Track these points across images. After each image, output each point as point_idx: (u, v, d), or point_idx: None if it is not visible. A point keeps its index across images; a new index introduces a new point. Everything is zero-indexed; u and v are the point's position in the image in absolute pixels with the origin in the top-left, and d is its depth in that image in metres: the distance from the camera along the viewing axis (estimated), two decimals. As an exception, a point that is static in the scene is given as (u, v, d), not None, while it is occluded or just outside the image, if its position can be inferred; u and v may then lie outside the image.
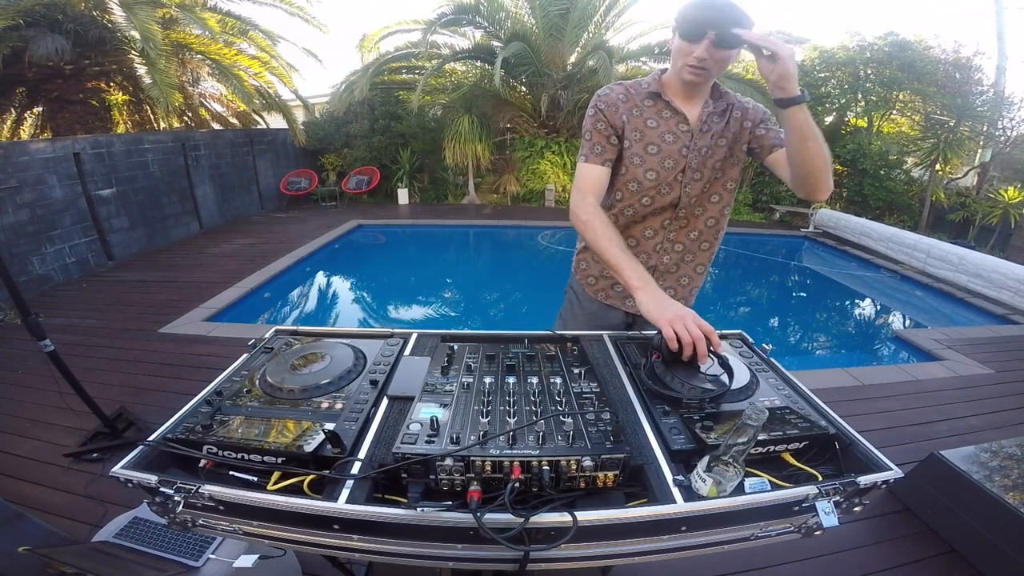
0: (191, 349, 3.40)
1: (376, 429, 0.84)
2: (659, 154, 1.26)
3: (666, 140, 1.26)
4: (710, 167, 1.29)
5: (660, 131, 1.26)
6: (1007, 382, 3.21)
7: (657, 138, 1.26)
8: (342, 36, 29.86)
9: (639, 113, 1.27)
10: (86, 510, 1.94)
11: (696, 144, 1.26)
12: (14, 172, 4.43)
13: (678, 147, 1.26)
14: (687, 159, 1.26)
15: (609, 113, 1.27)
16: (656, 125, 1.27)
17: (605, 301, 1.48)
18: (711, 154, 1.27)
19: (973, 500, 1.79)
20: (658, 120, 1.27)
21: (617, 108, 1.27)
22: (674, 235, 1.37)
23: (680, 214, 1.33)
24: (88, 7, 6.02)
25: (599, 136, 1.28)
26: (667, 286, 1.42)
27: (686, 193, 1.30)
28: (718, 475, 0.70)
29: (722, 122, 1.27)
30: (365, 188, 9.35)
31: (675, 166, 1.27)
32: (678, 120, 1.26)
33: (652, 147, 1.26)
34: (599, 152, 1.28)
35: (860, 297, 5.91)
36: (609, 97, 1.29)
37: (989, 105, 7.26)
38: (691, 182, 1.29)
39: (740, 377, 0.97)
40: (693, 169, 1.27)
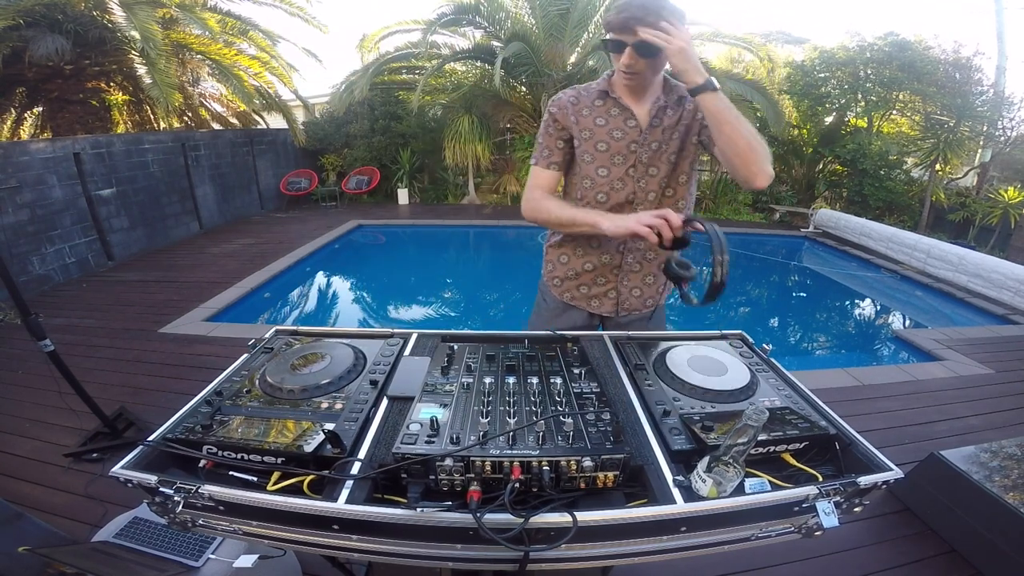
0: (191, 349, 3.40)
1: (376, 429, 0.84)
2: (608, 151, 1.29)
3: (614, 136, 1.29)
4: (666, 161, 1.30)
5: (608, 128, 1.29)
6: (1007, 382, 3.21)
7: (606, 135, 1.29)
8: (342, 36, 29.88)
9: (589, 113, 1.31)
10: (86, 510, 1.94)
11: (646, 139, 1.28)
12: (14, 172, 4.43)
13: (627, 143, 1.28)
14: (636, 154, 1.29)
15: (560, 116, 1.32)
16: (605, 123, 1.29)
17: (571, 302, 1.49)
18: (664, 148, 1.29)
19: (973, 500, 1.79)
20: (607, 118, 1.29)
21: (567, 110, 1.31)
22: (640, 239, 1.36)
23: (638, 211, 1.32)
24: (88, 7, 6.02)
25: (548, 140, 1.35)
26: (633, 285, 1.42)
27: (640, 188, 1.31)
28: (718, 475, 0.70)
29: (675, 115, 1.29)
30: (365, 188, 9.35)
31: (624, 162, 1.29)
32: (626, 117, 1.28)
33: (602, 144, 1.30)
34: (546, 156, 1.35)
35: (860, 297, 5.91)
36: (560, 101, 1.33)
37: (989, 105, 7.26)
38: (644, 177, 1.31)
39: (739, 376, 0.97)
40: (645, 164, 1.29)
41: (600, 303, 1.45)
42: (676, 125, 1.28)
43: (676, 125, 1.28)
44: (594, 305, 1.46)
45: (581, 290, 1.46)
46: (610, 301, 1.44)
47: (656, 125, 1.27)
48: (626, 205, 1.33)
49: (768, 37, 9.15)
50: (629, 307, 1.44)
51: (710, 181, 9.96)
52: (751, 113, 7.50)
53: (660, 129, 1.28)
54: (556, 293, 1.51)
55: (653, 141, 1.28)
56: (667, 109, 1.28)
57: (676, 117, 1.29)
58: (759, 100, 7.57)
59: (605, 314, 1.46)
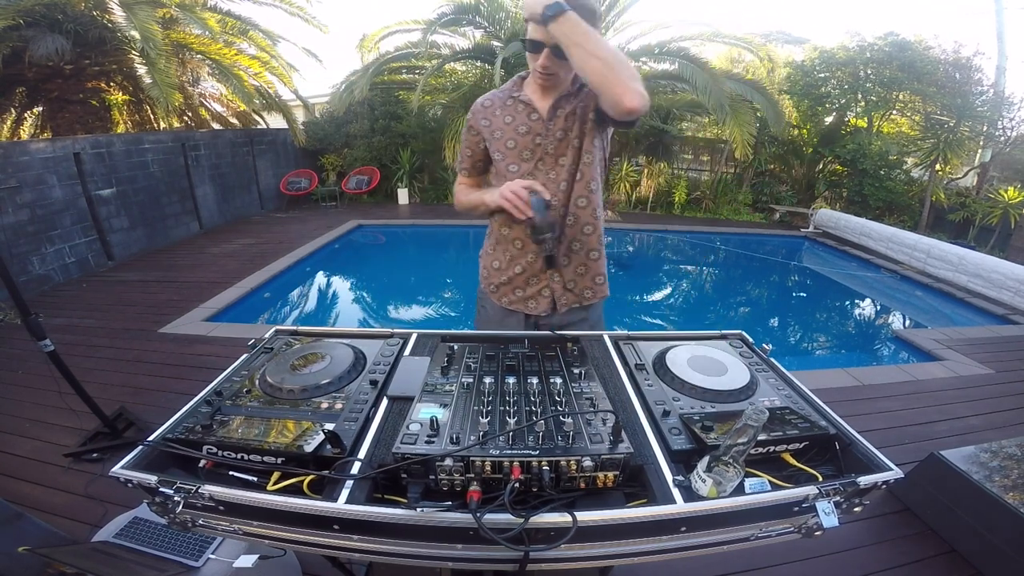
0: (191, 349, 3.40)
1: (376, 429, 0.84)
2: (516, 147, 1.33)
3: (520, 132, 1.32)
4: (571, 148, 1.31)
5: (515, 124, 1.33)
6: (1007, 382, 3.21)
7: (513, 132, 1.33)
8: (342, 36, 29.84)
9: (500, 113, 1.35)
10: (86, 510, 1.94)
11: (549, 129, 1.30)
12: (14, 172, 4.43)
13: (531, 137, 1.31)
14: (542, 147, 1.31)
15: (473, 122, 1.39)
16: (512, 119, 1.33)
17: (509, 307, 1.47)
18: (568, 135, 1.31)
19: (973, 500, 1.79)
20: (513, 115, 1.33)
21: (478, 115, 1.38)
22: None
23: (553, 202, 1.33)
24: (88, 7, 6.02)
25: (465, 148, 1.44)
26: (567, 280, 1.42)
27: (551, 180, 1.32)
28: (718, 475, 0.70)
29: (573, 101, 1.30)
30: (365, 188, 9.34)
31: (533, 155, 1.33)
32: (529, 111, 1.31)
33: (510, 141, 1.34)
34: (462, 163, 1.47)
35: (860, 297, 5.92)
36: (475, 107, 1.40)
37: (989, 105, 7.26)
38: (555, 168, 1.32)
39: (740, 377, 0.97)
40: (552, 155, 1.32)
41: (537, 303, 1.44)
42: (575, 109, 1.30)
43: (575, 109, 1.30)
44: (531, 306, 1.45)
45: (516, 293, 1.46)
46: (545, 300, 1.44)
47: (558, 115, 1.30)
48: None
49: (768, 37, 9.15)
50: (567, 302, 1.44)
51: (710, 180, 9.96)
52: (751, 113, 7.50)
53: (563, 117, 1.30)
54: (495, 299, 1.50)
55: (557, 130, 1.30)
56: (570, 97, 1.31)
57: (574, 102, 1.30)
58: (759, 100, 7.56)
59: (542, 313, 1.45)
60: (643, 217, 8.90)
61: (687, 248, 7.72)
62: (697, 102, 7.79)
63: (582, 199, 1.35)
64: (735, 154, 7.83)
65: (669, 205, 9.38)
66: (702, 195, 9.42)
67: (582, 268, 1.42)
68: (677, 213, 9.15)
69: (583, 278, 1.43)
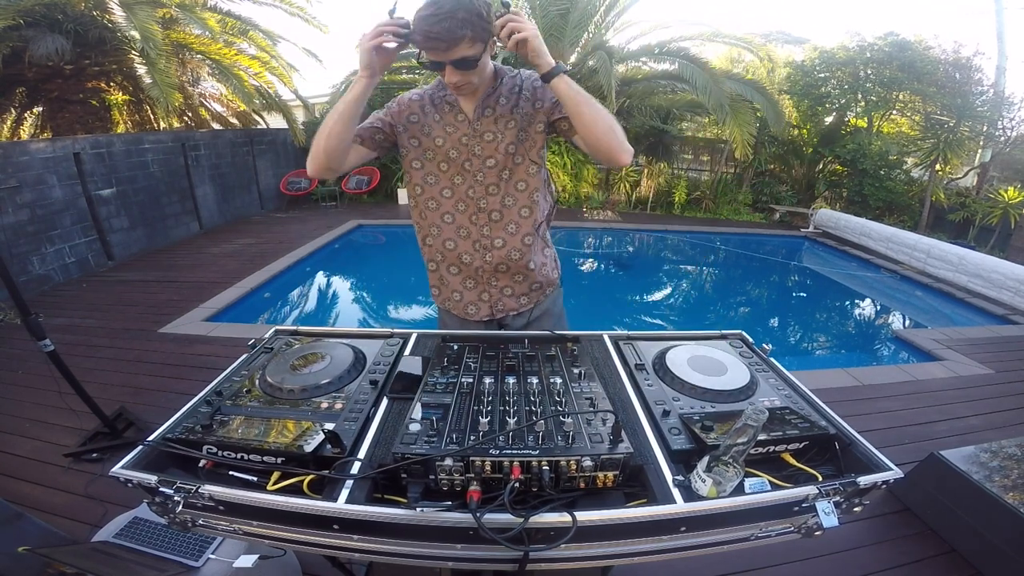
0: (191, 349, 3.40)
1: (376, 429, 0.84)
2: (444, 146, 1.30)
3: (447, 131, 1.30)
4: (503, 151, 1.28)
5: (443, 124, 1.30)
6: (1007, 382, 3.21)
7: (441, 131, 1.30)
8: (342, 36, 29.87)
9: (430, 110, 1.32)
10: (86, 510, 1.94)
11: (476, 130, 1.28)
12: (14, 172, 4.43)
13: (458, 136, 1.29)
14: (469, 147, 1.29)
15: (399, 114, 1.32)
16: (439, 119, 1.31)
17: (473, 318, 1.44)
18: (500, 138, 1.28)
19: (973, 500, 1.79)
20: (441, 115, 1.31)
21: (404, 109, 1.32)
22: (488, 231, 1.34)
23: (481, 206, 1.32)
24: (88, 7, 6.02)
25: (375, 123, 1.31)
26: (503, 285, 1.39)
27: (479, 182, 1.30)
28: (718, 475, 0.70)
29: (509, 103, 1.28)
30: (365, 188, 9.35)
31: (459, 156, 1.30)
32: (455, 112, 1.29)
33: (439, 139, 1.31)
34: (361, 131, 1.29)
35: (860, 297, 5.92)
36: (401, 100, 1.35)
37: (989, 105, 7.27)
38: (482, 170, 1.30)
39: (740, 377, 0.97)
40: (480, 156, 1.29)
41: (477, 308, 1.42)
42: (511, 114, 1.27)
43: (511, 114, 1.27)
44: (471, 312, 1.42)
45: (454, 297, 1.43)
46: (485, 305, 1.41)
47: (487, 115, 1.27)
48: (469, 200, 1.32)
49: (768, 37, 9.16)
50: (504, 308, 1.41)
51: (710, 180, 9.97)
52: (751, 113, 7.50)
53: (492, 119, 1.27)
54: (457, 312, 1.46)
55: (485, 131, 1.28)
56: (499, 98, 1.28)
57: (510, 105, 1.28)
58: (759, 100, 7.57)
59: (484, 318, 1.42)
60: (643, 217, 8.90)
61: (687, 248, 7.72)
62: (697, 102, 7.79)
63: (525, 209, 1.33)
64: (735, 154, 7.83)
65: (669, 205, 9.38)
66: (702, 195, 9.43)
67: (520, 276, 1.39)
68: (677, 213, 9.15)
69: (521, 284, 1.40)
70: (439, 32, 1.05)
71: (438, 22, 1.04)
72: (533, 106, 1.29)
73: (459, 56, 1.09)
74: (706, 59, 7.66)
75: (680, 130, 9.75)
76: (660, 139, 9.01)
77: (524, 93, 1.29)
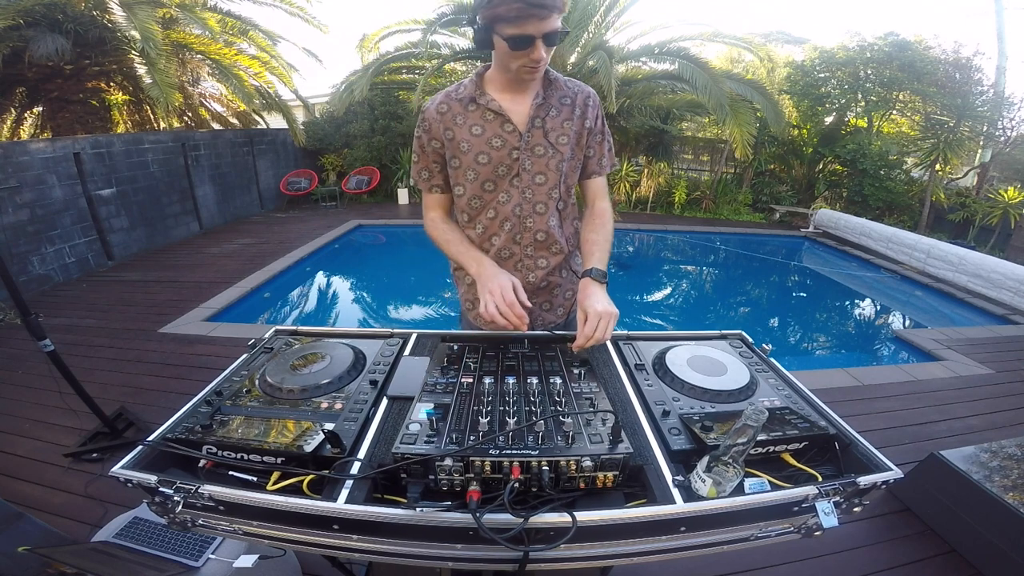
0: (191, 349, 3.40)
1: (376, 429, 0.84)
2: (490, 163, 1.16)
3: (493, 145, 1.16)
4: (554, 168, 1.18)
5: (486, 137, 1.15)
6: (1007, 382, 3.21)
7: (485, 145, 1.16)
8: (342, 36, 29.89)
9: (463, 121, 1.16)
10: (86, 510, 1.94)
11: (527, 143, 1.16)
12: (14, 172, 4.43)
13: (507, 151, 1.16)
14: (519, 162, 1.16)
15: (435, 131, 1.19)
16: (482, 131, 1.16)
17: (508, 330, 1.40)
18: (551, 154, 1.17)
19: (973, 500, 1.79)
20: (483, 125, 1.16)
21: (439, 122, 1.18)
22: (532, 251, 1.26)
23: (527, 225, 1.22)
24: (88, 7, 6.02)
25: (425, 160, 1.24)
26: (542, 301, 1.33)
27: (527, 199, 1.19)
28: (718, 475, 0.70)
29: (559, 117, 1.17)
30: (365, 188, 9.35)
31: (509, 172, 1.17)
32: (502, 121, 1.15)
33: (482, 156, 1.16)
34: (427, 179, 1.26)
35: (860, 297, 5.92)
36: (429, 112, 1.19)
37: (989, 105, 7.27)
38: (531, 187, 1.19)
39: (739, 377, 0.97)
40: (530, 172, 1.18)
41: None
42: (562, 128, 1.17)
43: (562, 128, 1.17)
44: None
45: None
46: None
47: (537, 127, 1.16)
48: (514, 219, 1.22)
49: (768, 37, 9.15)
50: (542, 322, 1.35)
51: (710, 180, 9.96)
52: (751, 113, 7.50)
53: (542, 131, 1.16)
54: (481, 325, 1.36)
55: (536, 145, 1.16)
56: (550, 108, 1.17)
57: (561, 119, 1.17)
58: (759, 100, 7.56)
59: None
60: (643, 217, 8.90)
61: (687, 248, 7.72)
62: (697, 102, 7.79)
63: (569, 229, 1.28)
64: (735, 154, 7.83)
65: (669, 205, 9.38)
66: (702, 195, 9.43)
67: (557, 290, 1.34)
68: (677, 213, 9.15)
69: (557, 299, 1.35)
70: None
71: None
72: (583, 124, 1.20)
73: (552, 28, 0.98)
74: (706, 59, 7.66)
75: (680, 130, 9.74)
76: (660, 139, 9.01)
77: (577, 109, 1.19)
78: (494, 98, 1.15)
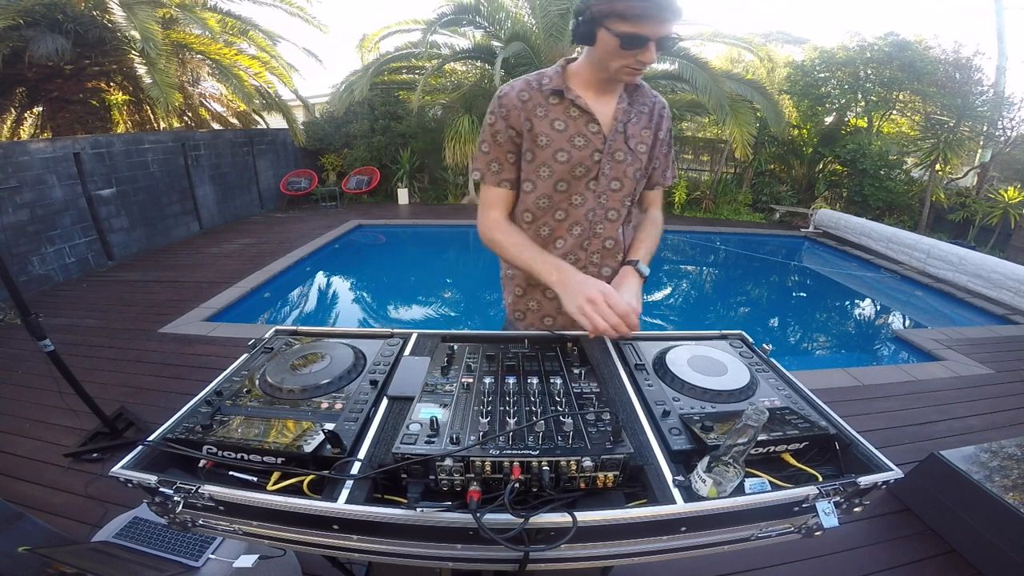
0: (191, 349, 3.40)
1: (376, 429, 0.84)
2: (569, 162, 1.11)
3: (576, 144, 1.10)
4: (631, 176, 1.15)
5: (569, 134, 1.10)
6: (1007, 382, 3.21)
7: (567, 143, 1.10)
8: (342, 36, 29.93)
9: (544, 113, 1.10)
10: (86, 510, 1.94)
11: (610, 147, 1.11)
12: (14, 172, 4.44)
13: (589, 152, 1.11)
14: (600, 165, 1.12)
15: (512, 119, 1.10)
16: (564, 127, 1.10)
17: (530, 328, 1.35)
18: (629, 160, 1.14)
19: (973, 500, 1.79)
20: (566, 121, 1.10)
21: (520, 110, 1.10)
22: (599, 258, 1.22)
23: (597, 231, 1.19)
24: (88, 7, 6.02)
25: (497, 151, 1.14)
26: None
27: (601, 205, 1.15)
28: (718, 475, 0.70)
29: (639, 124, 1.14)
30: (365, 188, 9.35)
31: (587, 174, 1.12)
32: (587, 120, 1.10)
33: (562, 154, 1.10)
34: (496, 172, 1.16)
35: (860, 297, 5.92)
36: (509, 98, 1.10)
37: (989, 105, 7.27)
38: (606, 192, 1.15)
39: (739, 376, 0.97)
40: (608, 177, 1.13)
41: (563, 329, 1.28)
42: (641, 136, 1.14)
43: (641, 136, 1.14)
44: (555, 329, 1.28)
45: (545, 321, 1.30)
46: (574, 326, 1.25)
47: (620, 131, 1.11)
48: (585, 224, 1.18)
49: (768, 37, 9.16)
50: None
51: (710, 180, 9.97)
52: (751, 113, 7.50)
53: (624, 136, 1.12)
54: (522, 327, 1.34)
55: (617, 150, 1.12)
56: (631, 114, 1.13)
57: (640, 126, 1.14)
58: (759, 100, 7.57)
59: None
60: (643, 217, 8.89)
61: (687, 248, 7.72)
62: (697, 102, 7.79)
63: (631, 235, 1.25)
64: (735, 154, 7.84)
65: (669, 205, 9.38)
66: (702, 195, 9.43)
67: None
68: (677, 213, 9.15)
69: None
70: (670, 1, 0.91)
71: None
72: (657, 136, 1.17)
73: (668, 33, 0.94)
74: (706, 59, 7.66)
75: (680, 130, 9.75)
76: (660, 139, 9.00)
77: (655, 118, 1.16)
78: (580, 94, 1.10)
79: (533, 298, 1.30)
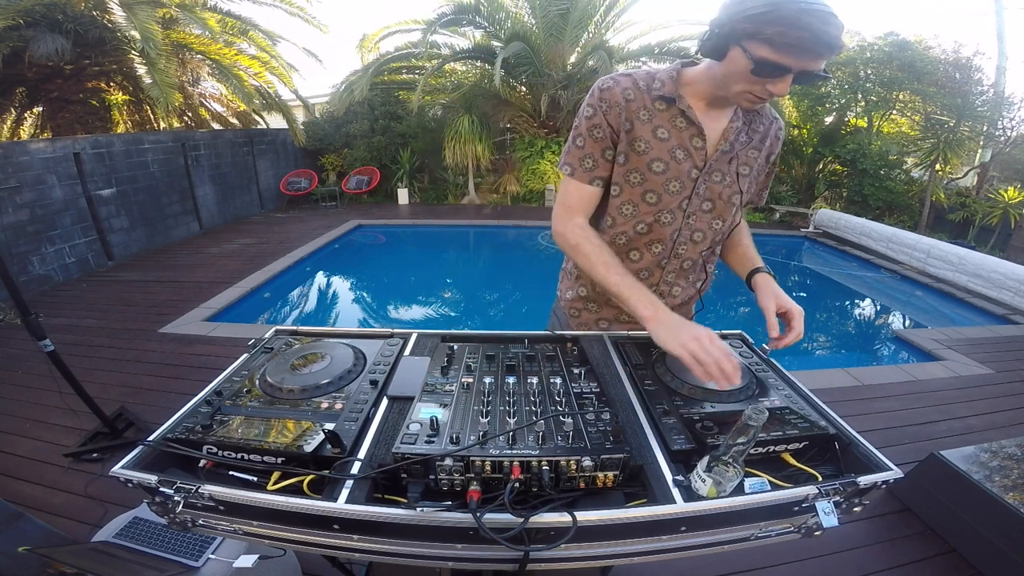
0: (191, 349, 3.40)
1: (376, 429, 0.84)
2: (665, 173, 1.02)
3: (676, 157, 1.02)
4: (726, 201, 1.07)
5: (671, 145, 1.01)
6: (1007, 382, 3.21)
7: (667, 154, 1.02)
8: (342, 36, 29.94)
9: (648, 117, 1.01)
10: (86, 510, 1.94)
11: (711, 168, 1.03)
12: (14, 172, 4.44)
13: (688, 167, 1.02)
14: (696, 183, 1.04)
15: (612, 116, 1.01)
16: (668, 136, 1.01)
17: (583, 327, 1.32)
18: (727, 182, 1.05)
19: (973, 500, 1.79)
20: (670, 130, 1.01)
21: (623, 108, 1.01)
22: (673, 277, 1.18)
23: (679, 252, 1.13)
24: (88, 7, 6.02)
25: (593, 145, 1.04)
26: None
27: (688, 226, 1.09)
28: (718, 475, 0.70)
29: (749, 145, 1.06)
30: (365, 188, 9.35)
31: (681, 190, 1.04)
32: (692, 134, 1.01)
33: (658, 164, 1.02)
34: (589, 168, 1.06)
35: (860, 297, 5.91)
36: (612, 94, 1.01)
37: (989, 105, 7.26)
38: (697, 213, 1.08)
39: (739, 377, 0.97)
40: (701, 197, 1.06)
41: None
42: (747, 158, 1.06)
43: (747, 158, 1.06)
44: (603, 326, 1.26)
45: (601, 324, 1.27)
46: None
47: (726, 151, 1.03)
48: (667, 243, 1.11)
49: (768, 37, 9.14)
50: None
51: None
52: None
53: (728, 158, 1.04)
54: (575, 324, 1.30)
55: (716, 171, 1.04)
56: (741, 134, 1.05)
57: (749, 148, 1.06)
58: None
59: None
60: (643, 217, 8.89)
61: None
62: (697, 102, 7.78)
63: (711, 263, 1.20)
64: (735, 154, 7.81)
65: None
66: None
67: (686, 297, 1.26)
68: (677, 213, 9.14)
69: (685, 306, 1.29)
70: (833, 38, 0.80)
71: (834, 25, 0.80)
72: (767, 158, 1.10)
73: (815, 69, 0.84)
74: (706, 59, 7.66)
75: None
76: (660, 139, 9.00)
77: (768, 141, 1.09)
78: (692, 104, 1.01)
79: (594, 301, 1.26)
